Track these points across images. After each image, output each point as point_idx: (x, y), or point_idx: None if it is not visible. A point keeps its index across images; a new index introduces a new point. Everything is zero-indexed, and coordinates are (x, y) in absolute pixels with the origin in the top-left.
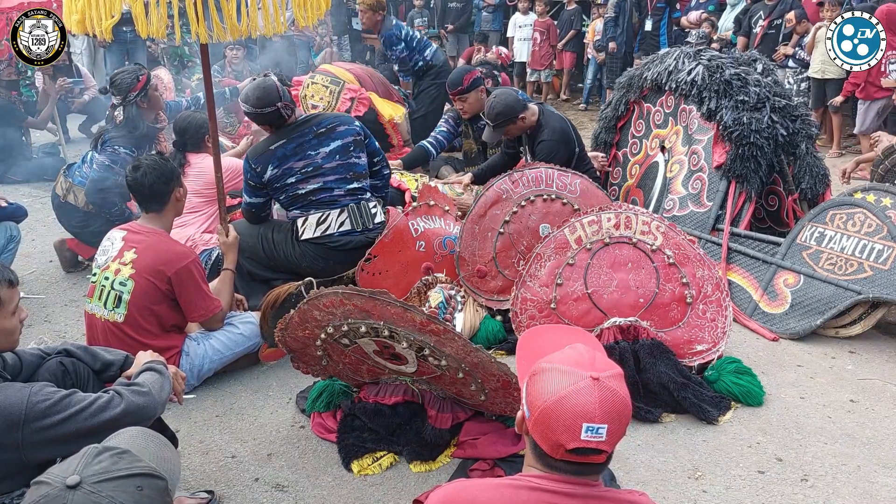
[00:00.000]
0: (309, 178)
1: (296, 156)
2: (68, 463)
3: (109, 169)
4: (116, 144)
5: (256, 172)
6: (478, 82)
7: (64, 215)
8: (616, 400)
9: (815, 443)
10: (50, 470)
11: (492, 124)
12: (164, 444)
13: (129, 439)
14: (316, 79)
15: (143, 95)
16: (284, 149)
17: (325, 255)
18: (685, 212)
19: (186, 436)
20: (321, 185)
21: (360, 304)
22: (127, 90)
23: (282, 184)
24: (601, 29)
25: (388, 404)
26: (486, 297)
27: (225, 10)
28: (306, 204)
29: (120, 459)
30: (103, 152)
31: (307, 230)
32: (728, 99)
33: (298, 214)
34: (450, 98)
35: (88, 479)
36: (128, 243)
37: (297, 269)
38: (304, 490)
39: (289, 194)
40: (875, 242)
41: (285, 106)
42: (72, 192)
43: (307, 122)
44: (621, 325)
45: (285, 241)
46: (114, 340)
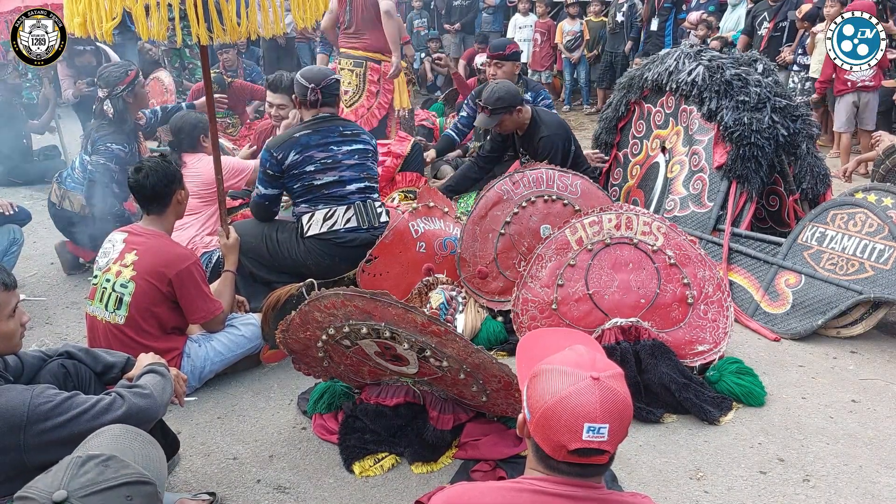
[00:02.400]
0: (327, 170)
1: (318, 147)
2: (52, 475)
3: (106, 167)
4: (108, 142)
5: (277, 160)
6: (516, 56)
7: (61, 222)
8: (617, 399)
9: (817, 443)
10: (33, 483)
11: (489, 108)
12: (147, 441)
13: (113, 440)
14: (342, 63)
15: (129, 90)
16: (309, 138)
17: (330, 252)
18: (686, 212)
19: (188, 437)
20: (336, 178)
21: (361, 305)
22: (114, 83)
23: (300, 171)
24: (569, 30)
25: (390, 405)
26: (488, 298)
27: (225, 12)
28: (317, 197)
29: (106, 468)
30: (96, 153)
31: (313, 226)
32: (729, 99)
33: (305, 209)
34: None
35: (75, 492)
36: (129, 245)
37: (302, 267)
38: (305, 491)
39: (304, 183)
40: (876, 242)
41: (314, 90)
42: (66, 198)
43: (334, 121)
44: (622, 326)
45: (290, 239)
46: (115, 342)
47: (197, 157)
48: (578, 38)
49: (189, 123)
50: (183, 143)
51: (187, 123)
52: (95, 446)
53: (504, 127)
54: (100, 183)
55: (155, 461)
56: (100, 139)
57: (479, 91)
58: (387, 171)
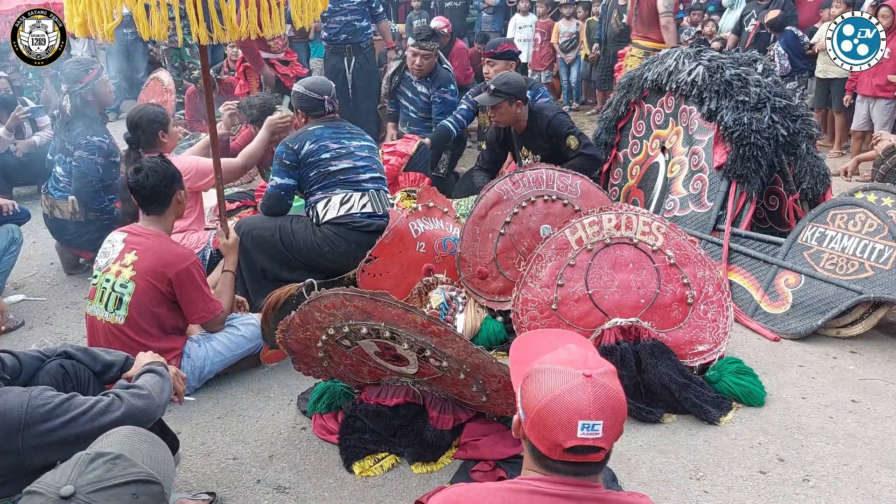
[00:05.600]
0: (341, 158)
1: (331, 139)
2: (61, 471)
3: (90, 161)
4: (87, 135)
5: (293, 150)
6: (510, 55)
7: (57, 230)
8: (610, 395)
9: (817, 443)
10: (42, 479)
11: (493, 87)
12: (156, 443)
13: (122, 440)
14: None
15: (88, 88)
16: (322, 130)
17: (346, 237)
18: (686, 212)
19: (188, 437)
20: (351, 165)
21: (361, 305)
22: (75, 80)
23: (316, 158)
24: (566, 31)
25: (390, 405)
26: (487, 298)
27: (224, 12)
28: (333, 183)
29: (114, 466)
30: (78, 148)
31: (330, 210)
32: (728, 99)
33: (321, 196)
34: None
35: (83, 488)
36: (128, 245)
37: (317, 256)
38: (305, 491)
39: (320, 170)
40: (876, 242)
41: (330, 101)
42: (56, 206)
43: (340, 121)
44: (622, 326)
45: (305, 228)
46: (115, 342)
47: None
48: (573, 38)
49: (146, 118)
50: (141, 140)
51: (144, 118)
52: (105, 445)
53: (499, 114)
54: (86, 177)
55: (162, 462)
56: (79, 134)
57: (478, 91)
58: (391, 171)
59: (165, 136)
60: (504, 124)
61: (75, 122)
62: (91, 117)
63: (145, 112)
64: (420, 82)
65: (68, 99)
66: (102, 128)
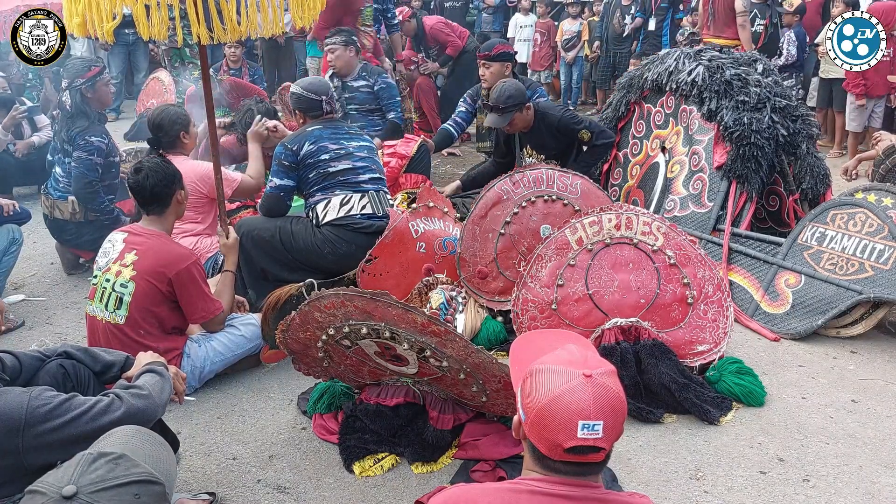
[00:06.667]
0: (340, 159)
1: (330, 139)
2: (63, 471)
3: (89, 161)
4: (86, 135)
5: (293, 151)
6: (506, 56)
7: (56, 230)
8: (610, 395)
9: (817, 443)
10: (44, 478)
11: (501, 107)
12: (159, 443)
13: (124, 440)
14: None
15: (89, 85)
16: (320, 131)
17: (346, 238)
18: (686, 212)
19: (188, 437)
20: (350, 166)
21: (361, 305)
22: (75, 76)
23: (315, 160)
24: (569, 29)
25: (390, 405)
26: (488, 298)
27: (225, 12)
28: (333, 184)
29: (116, 466)
30: (77, 148)
31: (330, 212)
32: (728, 99)
33: (321, 198)
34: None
35: (85, 488)
36: (129, 245)
37: (317, 257)
38: (305, 492)
39: (320, 171)
40: (876, 242)
41: (328, 101)
42: (56, 207)
43: (340, 121)
44: (622, 326)
45: (305, 229)
46: (115, 342)
47: (180, 160)
48: (575, 38)
49: (168, 119)
50: (162, 142)
51: (166, 119)
52: (107, 445)
53: (514, 126)
54: (85, 177)
55: (165, 463)
56: (77, 135)
57: (477, 90)
58: (392, 172)
59: (186, 137)
60: (519, 131)
61: (75, 120)
62: (90, 116)
63: (166, 113)
64: (358, 77)
65: (68, 94)
66: (101, 128)
